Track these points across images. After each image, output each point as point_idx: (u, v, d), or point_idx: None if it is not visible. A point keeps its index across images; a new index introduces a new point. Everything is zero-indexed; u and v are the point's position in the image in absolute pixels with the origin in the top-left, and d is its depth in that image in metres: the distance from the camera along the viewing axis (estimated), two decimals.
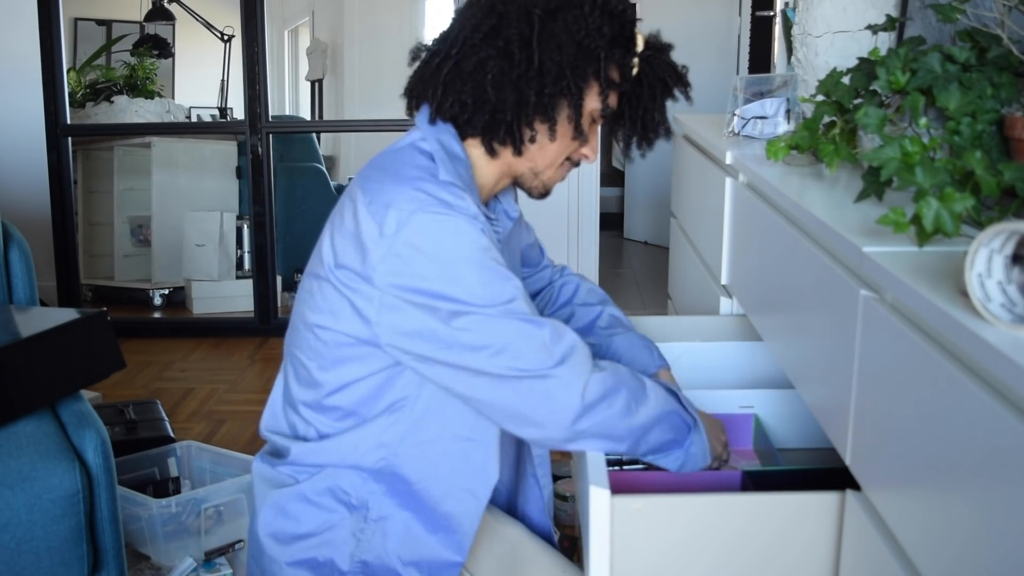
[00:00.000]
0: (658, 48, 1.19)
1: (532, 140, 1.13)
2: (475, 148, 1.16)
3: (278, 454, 1.21)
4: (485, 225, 1.07)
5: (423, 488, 1.16)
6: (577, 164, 1.22)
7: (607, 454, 1.14)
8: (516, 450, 1.35)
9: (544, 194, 1.23)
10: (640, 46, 1.15)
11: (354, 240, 1.06)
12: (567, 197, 3.60)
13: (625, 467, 1.31)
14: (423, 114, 1.16)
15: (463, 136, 1.15)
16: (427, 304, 1.03)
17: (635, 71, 1.15)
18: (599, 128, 1.20)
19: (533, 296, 1.45)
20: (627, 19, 1.14)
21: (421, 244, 1.02)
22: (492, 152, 1.15)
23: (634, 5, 1.18)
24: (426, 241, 1.02)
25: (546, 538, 1.35)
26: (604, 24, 1.10)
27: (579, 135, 1.15)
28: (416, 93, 1.17)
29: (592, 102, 1.14)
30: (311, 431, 1.18)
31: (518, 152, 1.14)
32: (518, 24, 1.09)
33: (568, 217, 3.61)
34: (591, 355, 1.10)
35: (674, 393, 1.19)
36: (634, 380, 1.13)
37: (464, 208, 1.05)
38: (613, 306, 1.44)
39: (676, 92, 1.21)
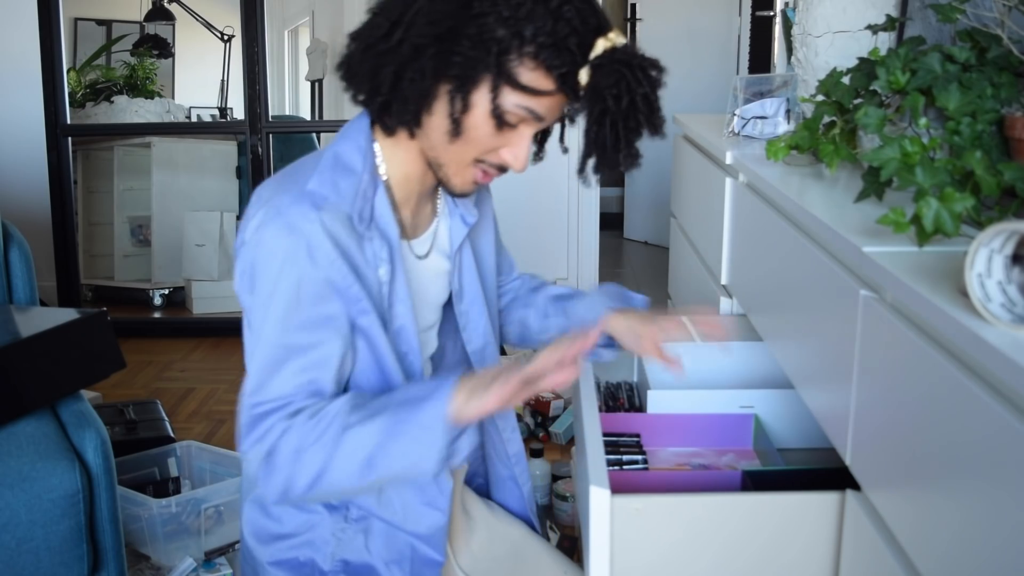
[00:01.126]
0: (619, 61, 0.99)
1: (405, 124, 1.05)
2: (384, 137, 1.11)
3: None
4: (333, 250, 1.03)
5: (389, 498, 1.16)
6: (502, 170, 1.10)
7: (607, 454, 1.14)
8: (483, 457, 1.35)
9: (458, 193, 1.12)
10: (594, 54, 0.99)
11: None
12: (567, 197, 3.60)
13: (625, 467, 1.31)
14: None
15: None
16: (246, 305, 1.08)
17: (585, 81, 1.00)
18: (531, 132, 1.06)
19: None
20: (573, 24, 0.99)
21: (254, 260, 1.04)
22: (388, 131, 1.09)
23: (602, 15, 1.03)
24: (259, 259, 1.04)
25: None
26: (514, 17, 0.97)
27: (477, 132, 1.03)
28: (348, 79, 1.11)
29: (489, 100, 1.01)
30: None
31: (404, 133, 1.08)
32: (404, 1, 1.00)
33: (568, 217, 3.61)
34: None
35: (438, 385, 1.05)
36: (336, 432, 1.02)
37: (307, 232, 1.02)
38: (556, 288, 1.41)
39: (631, 120, 1.01)
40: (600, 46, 1.00)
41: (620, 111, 0.99)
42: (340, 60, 1.08)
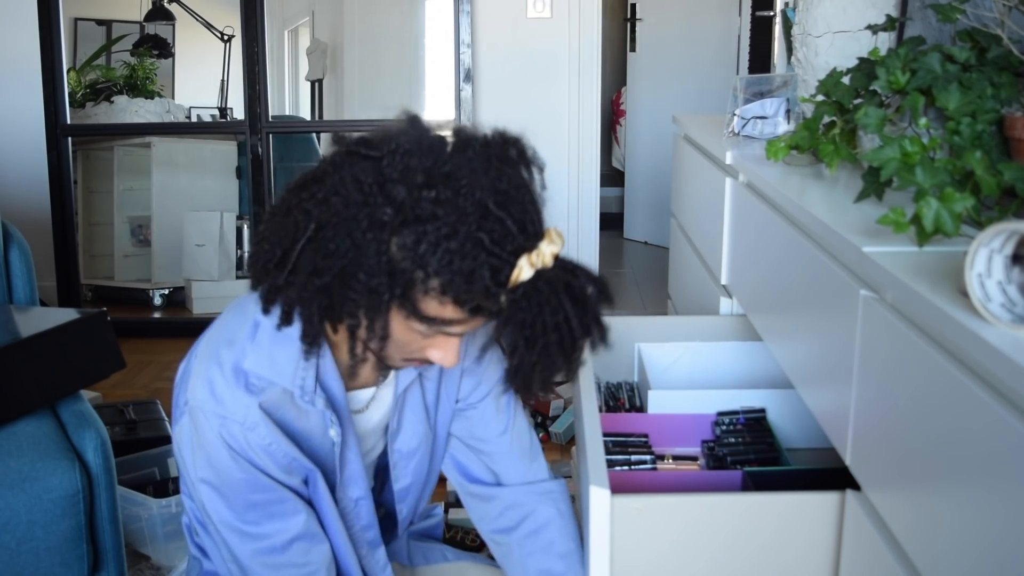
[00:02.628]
0: (540, 292, 0.88)
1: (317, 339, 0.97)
2: None
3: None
4: (268, 435, 1.05)
5: None
6: (430, 363, 1.02)
7: (608, 455, 1.14)
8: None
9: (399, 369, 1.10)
10: (516, 278, 0.87)
11: (183, 385, 1.11)
12: (567, 197, 3.60)
13: (634, 467, 1.31)
14: None
15: None
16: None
17: (504, 302, 0.89)
18: (456, 340, 0.98)
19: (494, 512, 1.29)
20: (486, 243, 0.86)
21: (186, 436, 1.09)
22: (307, 352, 1.02)
23: (529, 228, 0.89)
24: (189, 436, 1.08)
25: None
26: (420, 247, 0.85)
27: (394, 344, 0.96)
28: None
29: (403, 324, 0.92)
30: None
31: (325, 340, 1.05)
32: (295, 222, 0.90)
33: (568, 217, 3.61)
34: None
35: None
36: None
37: (235, 417, 1.04)
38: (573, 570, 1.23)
39: (556, 353, 0.91)
40: (519, 275, 0.87)
41: (534, 351, 0.90)
42: (249, 262, 1.09)
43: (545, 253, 0.89)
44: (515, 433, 1.26)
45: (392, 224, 0.86)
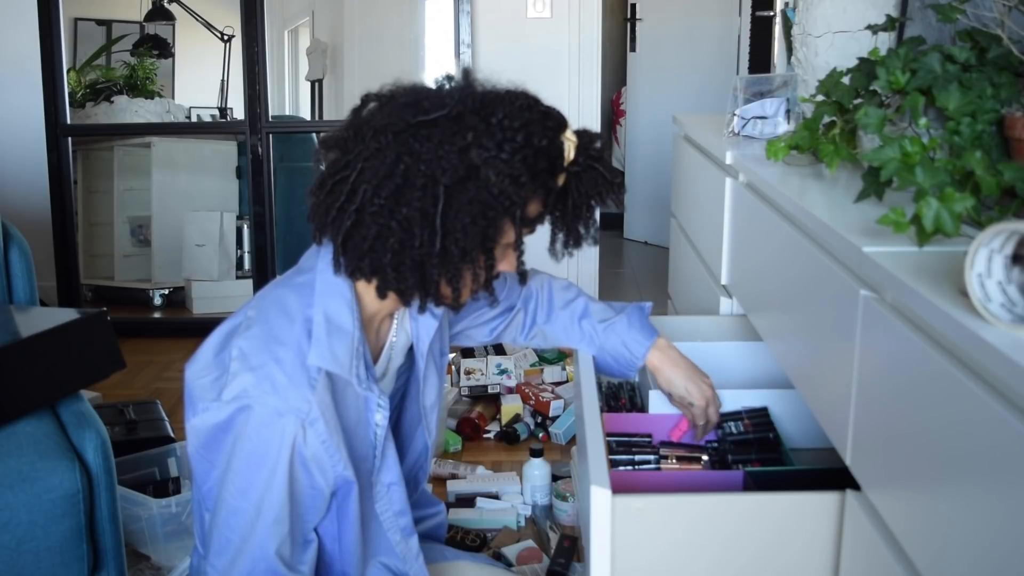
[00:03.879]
0: (590, 157, 1.11)
1: (435, 301, 1.11)
2: (369, 290, 1.13)
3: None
4: (324, 430, 1.07)
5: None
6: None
7: (612, 454, 1.14)
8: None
9: (452, 308, 1.17)
10: (568, 158, 1.09)
11: (214, 369, 1.09)
12: None
13: (638, 467, 1.31)
14: (326, 256, 1.12)
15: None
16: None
17: (561, 181, 1.10)
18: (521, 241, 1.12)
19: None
20: (551, 148, 1.06)
21: (234, 437, 1.07)
22: (384, 296, 1.11)
23: (556, 115, 1.10)
24: (237, 440, 1.06)
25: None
26: (522, 173, 1.03)
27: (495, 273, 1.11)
28: (320, 226, 1.10)
29: (508, 239, 1.08)
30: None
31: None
32: (421, 197, 1.01)
33: None
34: None
35: None
36: None
37: (297, 411, 1.05)
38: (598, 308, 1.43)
39: (606, 202, 1.16)
40: (570, 149, 1.08)
41: (599, 204, 1.13)
42: (351, 261, 1.08)
43: (571, 135, 1.10)
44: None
45: (490, 157, 1.02)
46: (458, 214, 1.01)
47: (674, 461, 1.34)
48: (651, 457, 1.32)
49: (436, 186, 1.00)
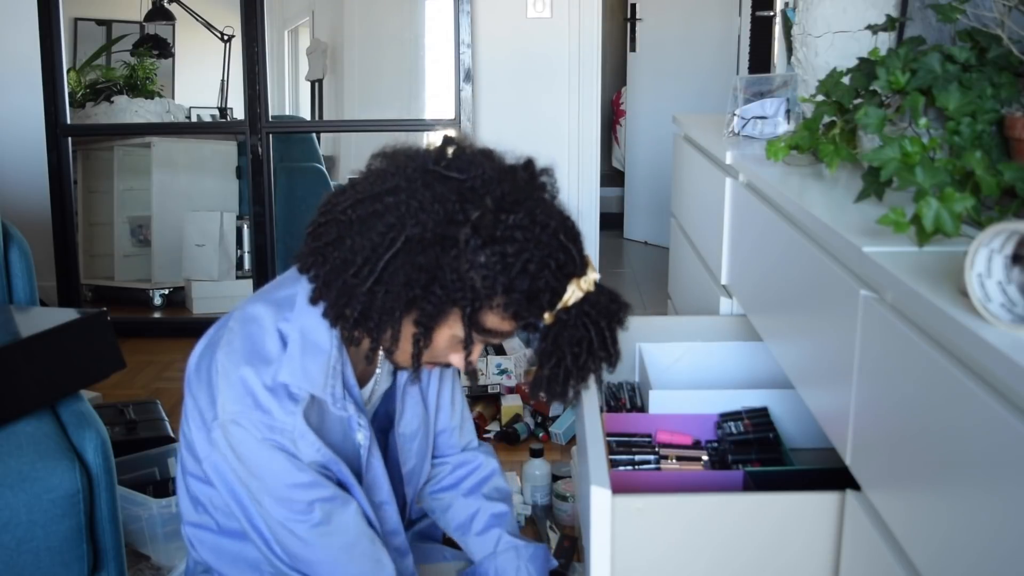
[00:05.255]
0: (585, 314, 1.01)
1: (373, 345, 1.05)
2: None
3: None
4: (316, 440, 1.08)
5: None
6: (447, 365, 1.13)
7: (612, 454, 1.14)
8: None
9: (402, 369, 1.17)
10: (564, 302, 1.00)
11: (204, 393, 1.11)
12: (567, 197, 3.59)
13: (638, 467, 1.31)
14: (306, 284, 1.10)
15: None
16: (240, 480, 1.11)
17: (549, 321, 1.02)
18: (480, 349, 1.08)
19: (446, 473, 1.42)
20: (545, 284, 0.98)
21: (233, 448, 1.08)
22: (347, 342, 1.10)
23: (575, 258, 1.02)
24: (237, 449, 1.08)
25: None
26: (496, 282, 0.97)
27: (431, 352, 1.06)
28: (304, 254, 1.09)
29: (455, 331, 1.03)
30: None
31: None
32: (383, 233, 0.98)
33: None
34: None
35: None
36: None
37: (283, 426, 1.06)
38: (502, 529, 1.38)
39: (584, 371, 1.04)
40: (571, 294, 1.00)
41: (574, 362, 1.02)
42: (302, 254, 1.07)
43: (590, 279, 1.01)
44: (462, 408, 1.40)
45: (474, 244, 0.95)
46: (400, 269, 0.97)
47: (674, 461, 1.34)
48: (651, 457, 1.32)
49: (400, 232, 0.97)
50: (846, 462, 0.99)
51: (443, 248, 0.96)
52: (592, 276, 1.02)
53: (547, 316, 1.01)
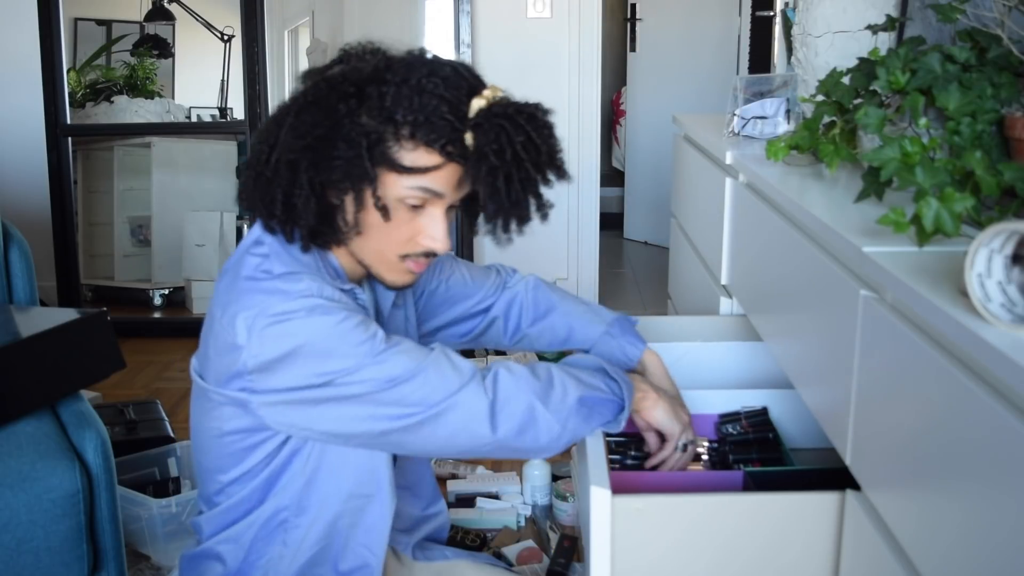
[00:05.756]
0: (496, 115, 0.99)
1: (314, 238, 1.06)
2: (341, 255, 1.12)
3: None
4: (335, 296, 1.04)
5: (321, 549, 1.16)
6: (431, 255, 1.10)
7: (612, 454, 1.14)
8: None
9: (396, 287, 1.13)
10: (472, 113, 0.99)
11: (218, 355, 1.06)
12: (567, 197, 3.60)
13: (629, 462, 1.31)
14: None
15: None
16: (305, 398, 1.03)
17: (471, 143, 1.00)
18: (441, 211, 1.06)
19: (480, 334, 1.41)
20: (433, 89, 0.99)
21: (277, 349, 1.01)
22: (304, 247, 1.08)
23: (468, 78, 1.02)
24: (281, 345, 1.01)
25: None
26: (383, 106, 0.98)
27: (386, 220, 1.04)
28: None
29: (389, 191, 1.02)
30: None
31: (307, 244, 1.07)
32: (275, 121, 1.02)
33: (568, 217, 3.61)
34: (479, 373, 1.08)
35: (600, 368, 1.17)
36: (538, 375, 1.11)
37: (302, 292, 1.02)
38: (568, 304, 1.39)
39: (521, 171, 0.99)
40: (475, 106, 1.00)
41: (505, 164, 0.98)
42: (238, 191, 1.09)
43: (489, 96, 1.00)
44: (472, 271, 1.39)
45: (357, 94, 0.99)
46: (294, 134, 1.00)
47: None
48: (641, 453, 1.32)
49: (288, 111, 1.01)
50: (846, 462, 0.99)
51: (331, 110, 0.99)
52: (497, 90, 1.02)
53: (467, 138, 0.99)
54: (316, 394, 1.02)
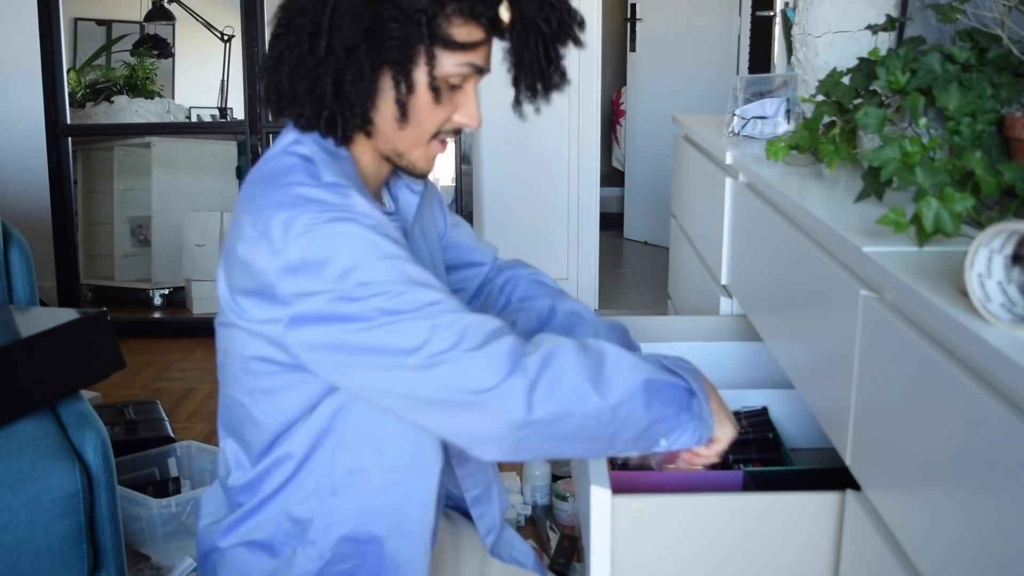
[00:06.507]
0: None
1: (363, 127, 1.03)
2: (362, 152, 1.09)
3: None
4: (380, 222, 0.98)
5: (363, 529, 1.08)
6: (457, 132, 1.11)
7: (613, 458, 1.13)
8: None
9: (422, 174, 1.11)
10: None
11: (246, 266, 0.97)
12: (567, 197, 3.60)
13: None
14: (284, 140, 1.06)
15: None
16: (334, 315, 0.95)
17: (507, 17, 1.01)
18: (475, 87, 1.07)
19: (471, 297, 1.33)
20: None
21: (314, 255, 0.93)
22: (344, 141, 1.05)
23: None
24: (319, 251, 0.93)
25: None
26: None
27: (437, 100, 1.03)
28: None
29: (429, 71, 1.01)
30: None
31: (359, 137, 1.05)
32: (313, 7, 0.99)
33: (568, 217, 3.61)
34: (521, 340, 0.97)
35: (660, 362, 1.03)
36: (589, 352, 0.98)
37: (351, 207, 0.96)
38: (568, 300, 1.29)
39: (561, 36, 1.04)
40: None
41: (552, 32, 1.03)
42: (267, 92, 1.05)
43: None
44: (467, 230, 1.36)
45: None
46: (344, 20, 0.97)
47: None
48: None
49: None
50: (846, 462, 0.99)
51: None
52: None
53: (503, 11, 1.01)
54: (343, 315, 0.94)
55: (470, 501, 1.22)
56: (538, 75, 1.06)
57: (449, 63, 1.01)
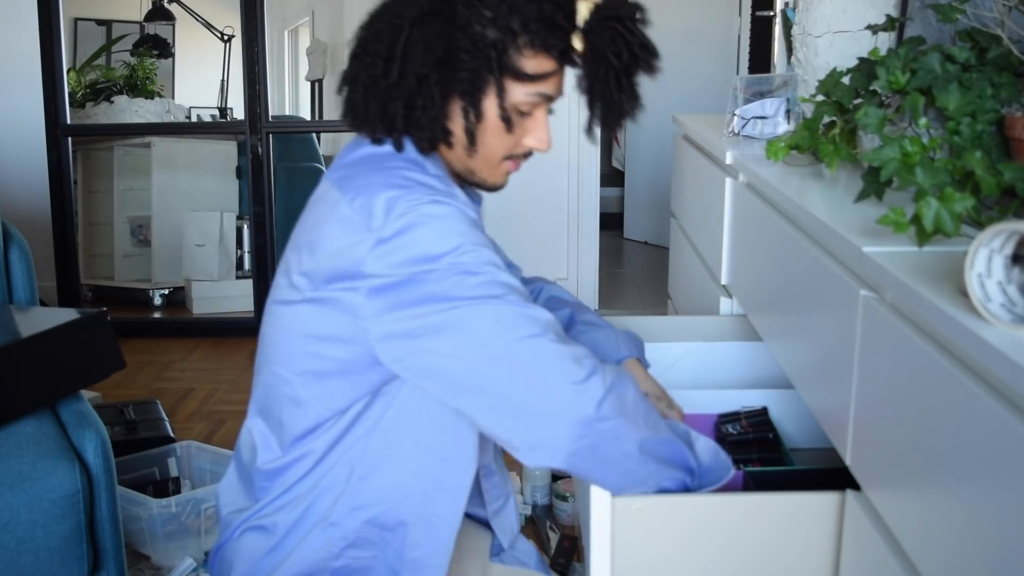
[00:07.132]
0: (606, 17, 1.04)
1: (432, 149, 1.05)
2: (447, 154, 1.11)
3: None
4: (475, 218, 1.01)
5: (391, 515, 1.08)
6: (528, 155, 1.12)
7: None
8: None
9: (495, 189, 1.13)
10: (581, 19, 1.03)
11: (335, 239, 0.98)
12: (567, 197, 3.60)
13: None
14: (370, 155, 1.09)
15: None
16: (422, 296, 0.96)
17: (581, 47, 1.03)
18: (545, 113, 1.09)
19: None
20: (554, 4, 1.01)
21: (412, 233, 0.95)
22: (424, 152, 1.07)
23: None
24: (418, 230, 0.95)
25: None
26: (499, 16, 0.99)
27: (508, 130, 1.05)
28: None
29: (500, 101, 1.03)
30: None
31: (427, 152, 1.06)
32: (389, 33, 1.01)
33: (568, 217, 3.61)
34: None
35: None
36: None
37: (454, 195, 1.00)
38: (587, 311, 1.34)
39: (633, 69, 1.06)
40: (584, 10, 1.03)
41: (623, 64, 1.04)
42: (344, 107, 1.08)
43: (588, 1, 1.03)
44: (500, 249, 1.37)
45: (471, 4, 1.00)
46: (417, 48, 0.99)
47: None
48: None
49: (402, 20, 1.01)
50: (846, 462, 0.99)
51: (447, 17, 1.00)
52: None
53: (576, 41, 1.03)
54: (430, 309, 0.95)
55: (491, 513, 1.26)
56: (610, 104, 1.06)
57: (519, 93, 1.04)
